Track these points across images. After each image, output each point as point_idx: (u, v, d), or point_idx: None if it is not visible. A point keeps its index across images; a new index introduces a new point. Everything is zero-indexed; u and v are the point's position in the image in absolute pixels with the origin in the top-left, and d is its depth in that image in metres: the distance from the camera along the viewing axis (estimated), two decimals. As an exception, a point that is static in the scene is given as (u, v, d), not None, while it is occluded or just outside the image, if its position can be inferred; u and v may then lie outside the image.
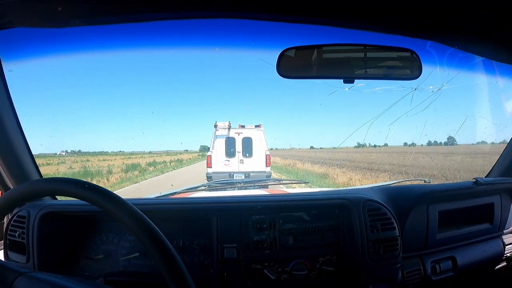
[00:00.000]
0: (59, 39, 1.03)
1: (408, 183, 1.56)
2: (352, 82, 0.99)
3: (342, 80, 0.99)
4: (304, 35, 0.99)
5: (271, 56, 0.99)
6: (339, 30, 0.99)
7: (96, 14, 0.90)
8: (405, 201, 1.19)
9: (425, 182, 1.54)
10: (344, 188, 1.46)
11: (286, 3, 0.91)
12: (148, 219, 0.61)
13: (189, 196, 1.49)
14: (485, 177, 1.49)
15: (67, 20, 0.90)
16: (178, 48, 1.05)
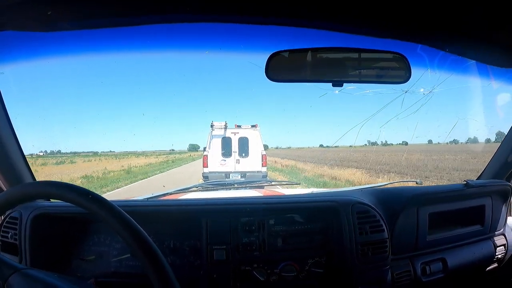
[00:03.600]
0: (50, 42, 1.04)
1: (399, 184, 1.57)
2: (341, 85, 0.99)
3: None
4: (292, 38, 0.99)
5: (261, 59, 1.00)
6: (328, 34, 0.99)
7: (86, 18, 0.90)
8: (395, 203, 1.19)
9: (416, 183, 1.55)
10: (335, 190, 1.46)
11: (274, 7, 0.92)
12: (132, 219, 0.62)
13: (180, 197, 1.49)
14: (476, 179, 1.49)
15: (56, 23, 0.90)
16: (168, 51, 1.06)
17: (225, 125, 8.46)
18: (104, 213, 0.62)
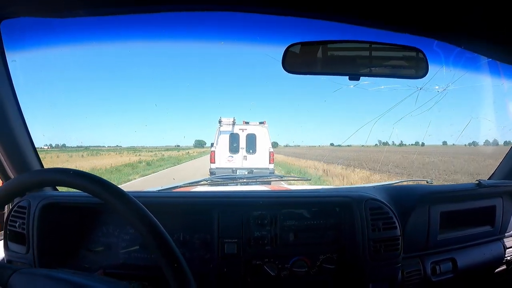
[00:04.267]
0: (63, 30, 1.03)
1: (410, 183, 1.56)
2: (358, 79, 0.98)
3: (347, 77, 0.99)
4: (310, 30, 0.98)
5: (277, 51, 0.99)
6: (345, 27, 0.98)
7: (101, 4, 0.89)
8: (407, 201, 1.18)
9: (427, 182, 1.54)
10: (346, 186, 1.45)
11: None
12: (148, 212, 0.61)
13: (191, 190, 1.49)
14: (488, 179, 1.48)
15: (71, 10, 0.89)
16: (183, 41, 1.05)
17: (233, 121, 8.49)
18: (118, 203, 0.61)
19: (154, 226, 0.60)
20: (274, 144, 8.87)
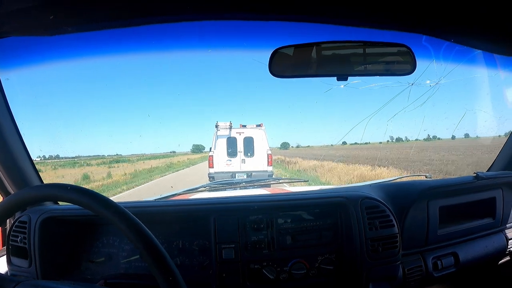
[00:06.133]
0: (53, 46, 1.04)
1: (408, 178, 1.55)
2: (346, 79, 0.98)
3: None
4: (295, 33, 0.98)
5: (265, 56, 0.99)
6: (331, 27, 0.98)
7: (87, 21, 0.90)
8: (404, 198, 1.18)
9: (426, 177, 1.53)
10: (343, 186, 1.45)
11: (276, 2, 0.91)
12: (138, 220, 0.62)
13: (189, 197, 1.49)
14: (486, 171, 1.47)
15: (59, 28, 0.91)
16: (170, 51, 1.06)
17: (230, 125, 8.50)
18: (106, 212, 0.62)
19: (148, 240, 0.60)
20: (285, 145, 8.88)
